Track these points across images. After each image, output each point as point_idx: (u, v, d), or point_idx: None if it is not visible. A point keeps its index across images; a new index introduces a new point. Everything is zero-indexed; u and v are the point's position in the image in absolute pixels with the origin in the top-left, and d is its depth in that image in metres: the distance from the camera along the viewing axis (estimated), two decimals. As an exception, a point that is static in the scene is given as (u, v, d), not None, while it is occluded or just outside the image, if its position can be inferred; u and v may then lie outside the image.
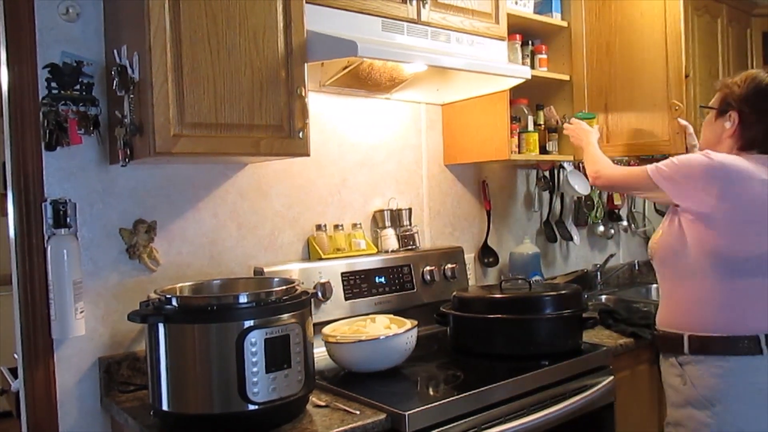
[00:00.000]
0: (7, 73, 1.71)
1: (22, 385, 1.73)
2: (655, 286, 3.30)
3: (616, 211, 3.35)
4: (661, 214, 3.61)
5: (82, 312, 1.72)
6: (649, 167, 1.80)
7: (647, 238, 3.59)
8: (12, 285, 1.77)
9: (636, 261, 3.44)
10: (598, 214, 3.25)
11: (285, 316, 1.47)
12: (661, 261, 1.87)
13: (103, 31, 1.82)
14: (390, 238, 2.37)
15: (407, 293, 2.29)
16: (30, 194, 1.71)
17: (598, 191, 3.26)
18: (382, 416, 1.52)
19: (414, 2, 2.05)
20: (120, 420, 1.69)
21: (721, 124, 1.82)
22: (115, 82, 1.65)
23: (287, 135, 1.76)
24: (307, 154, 1.80)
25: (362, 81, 2.17)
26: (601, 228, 3.29)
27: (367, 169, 2.41)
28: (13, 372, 2.40)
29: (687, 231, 1.75)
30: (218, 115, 1.64)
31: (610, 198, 3.31)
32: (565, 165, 2.92)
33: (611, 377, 2.03)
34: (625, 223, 3.43)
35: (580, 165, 3.11)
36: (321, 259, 2.16)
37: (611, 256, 3.25)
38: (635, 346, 2.22)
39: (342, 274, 2.15)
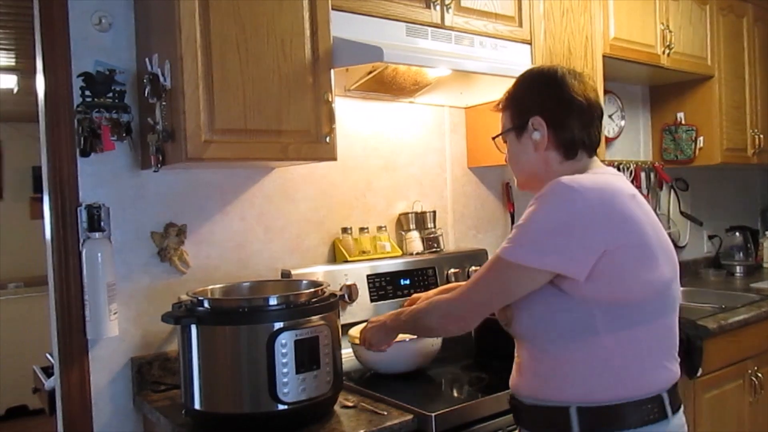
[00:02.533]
0: (44, 82, 1.76)
1: (58, 383, 1.78)
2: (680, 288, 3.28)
3: (641, 212, 3.33)
4: (686, 216, 3.60)
5: (115, 313, 1.76)
6: (501, 252, 1.28)
7: (672, 241, 3.57)
8: (48, 286, 1.82)
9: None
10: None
11: (314, 318, 1.50)
12: (525, 330, 1.35)
13: (134, 41, 1.87)
14: (414, 240, 2.39)
15: (432, 295, 2.31)
16: (65, 199, 1.76)
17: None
18: (409, 417, 1.54)
19: (438, 7, 2.07)
20: (152, 418, 1.73)
21: (528, 140, 1.39)
22: (147, 90, 1.69)
23: (314, 140, 1.79)
24: (334, 159, 1.83)
25: (386, 85, 2.19)
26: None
27: (391, 173, 2.43)
28: (46, 371, 2.47)
29: (560, 285, 1.26)
30: (247, 121, 1.68)
31: (635, 200, 3.29)
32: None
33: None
34: (649, 224, 3.40)
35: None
36: (346, 261, 2.19)
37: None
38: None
39: (367, 276, 2.17)
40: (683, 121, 3.35)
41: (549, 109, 1.37)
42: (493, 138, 1.50)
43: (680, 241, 3.62)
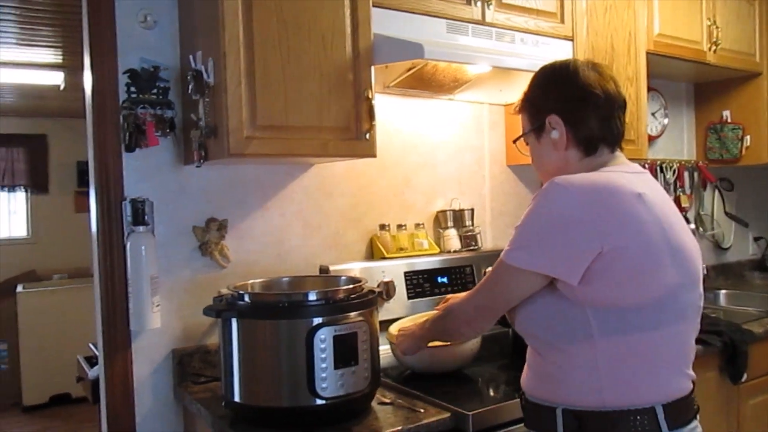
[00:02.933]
0: (91, 78, 1.80)
1: (102, 373, 1.82)
2: (724, 291, 3.21)
3: (683, 213, 3.27)
4: (731, 216, 3.51)
5: (157, 306, 1.80)
6: (503, 255, 1.27)
7: (716, 242, 3.49)
8: (93, 278, 1.87)
9: (704, 266, 3.32)
10: (664, 216, 3.17)
11: (353, 314, 1.50)
12: (524, 329, 1.34)
13: (178, 38, 1.90)
14: (452, 238, 2.38)
15: (469, 293, 2.30)
16: (111, 193, 1.80)
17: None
18: (446, 415, 1.54)
19: (479, 3, 2.06)
20: (192, 410, 1.76)
21: (548, 140, 1.35)
22: (190, 87, 1.72)
23: (354, 136, 1.79)
24: (374, 155, 1.84)
25: (426, 82, 2.18)
26: (667, 230, 3.21)
27: (429, 170, 2.43)
28: (89, 361, 2.53)
29: (556, 287, 1.24)
30: (288, 117, 1.69)
31: (677, 200, 3.23)
32: (631, 166, 2.87)
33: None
34: (692, 225, 3.33)
35: (645, 165, 3.06)
36: (384, 258, 2.19)
37: (677, 259, 3.16)
38: (702, 353, 2.16)
39: (405, 273, 2.17)
40: (729, 120, 3.26)
41: (564, 106, 1.33)
42: (514, 141, 1.48)
43: (724, 243, 3.53)
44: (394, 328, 1.93)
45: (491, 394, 1.80)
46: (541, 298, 1.26)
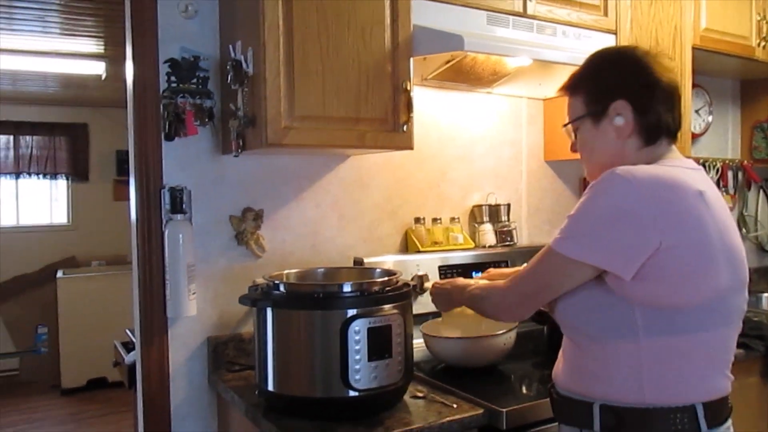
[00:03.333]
0: (133, 68, 1.82)
1: (139, 358, 1.85)
2: (767, 295, 3.12)
3: (726, 213, 3.18)
4: (776, 217, 3.41)
5: (194, 293, 1.82)
6: (552, 243, 1.22)
7: (759, 244, 3.39)
8: (131, 265, 1.90)
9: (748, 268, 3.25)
10: (705, 216, 3.09)
11: (387, 306, 1.49)
12: (564, 319, 1.31)
13: (218, 28, 1.91)
14: (487, 233, 2.36)
15: (503, 289, 2.27)
16: (150, 181, 1.83)
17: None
18: (480, 411, 1.52)
19: (520, -5, 2.02)
20: (226, 397, 1.78)
21: (608, 126, 1.29)
22: (229, 76, 1.73)
23: (391, 128, 1.78)
24: (411, 148, 1.83)
25: (464, 75, 2.16)
26: (709, 230, 3.13)
27: (466, 164, 2.40)
28: (126, 346, 2.58)
29: (604, 280, 1.21)
30: (326, 108, 1.69)
31: (720, 199, 3.14)
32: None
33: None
34: (735, 226, 3.24)
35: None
36: (419, 251, 2.18)
37: (719, 260, 3.08)
38: (745, 358, 2.10)
39: (439, 267, 2.16)
40: (776, 118, 3.17)
41: (633, 92, 1.27)
42: (565, 125, 1.39)
43: (768, 245, 3.43)
44: (426, 326, 1.92)
45: (525, 391, 1.77)
46: (587, 290, 1.23)
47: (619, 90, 1.28)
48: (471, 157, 2.41)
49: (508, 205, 2.43)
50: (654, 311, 1.17)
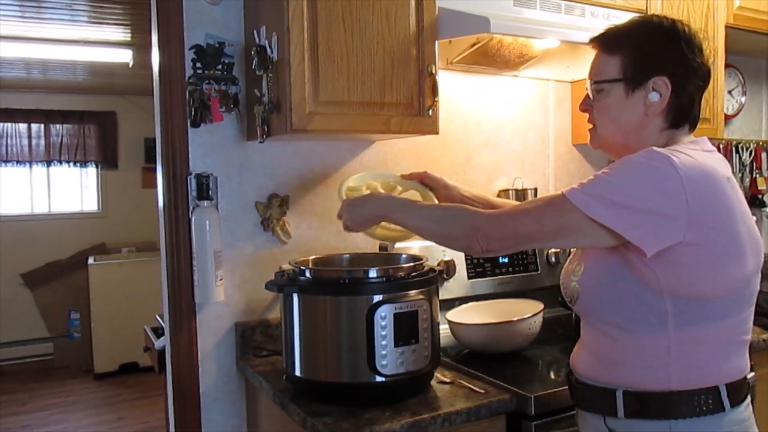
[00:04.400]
0: (158, 56, 1.83)
1: (168, 343, 1.87)
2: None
3: (760, 196, 3.11)
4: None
5: (221, 279, 1.83)
6: (567, 192, 1.15)
7: (794, 227, 3.31)
8: (160, 252, 1.92)
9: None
10: (738, 199, 3.03)
11: (413, 292, 1.49)
12: (588, 309, 1.28)
13: (242, 14, 1.90)
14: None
15: (531, 275, 2.25)
16: (177, 168, 1.84)
17: (740, 174, 3.04)
18: (507, 396, 1.52)
19: (548, -25, 1.98)
20: (254, 383, 1.79)
21: (641, 99, 1.23)
22: (254, 62, 1.72)
23: (417, 113, 1.77)
24: (436, 132, 1.81)
25: (490, 58, 2.13)
26: (742, 214, 3.06)
27: (492, 148, 2.38)
28: (156, 331, 2.61)
29: (633, 269, 1.17)
30: (351, 93, 1.68)
31: (753, 182, 3.08)
32: (704, 146, 2.75)
33: (752, 374, 1.89)
34: (769, 209, 3.18)
35: (720, 146, 2.92)
36: (444, 237, 2.17)
37: (752, 244, 3.02)
38: (777, 342, 2.06)
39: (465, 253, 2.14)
40: (813, 98, 3.08)
41: (678, 71, 1.21)
42: (594, 82, 1.28)
43: (803, 228, 3.35)
44: (452, 314, 1.90)
45: (552, 377, 1.76)
46: (613, 280, 1.20)
47: (665, 65, 1.22)
48: (497, 141, 2.39)
49: (535, 190, 2.40)
50: (684, 300, 1.15)
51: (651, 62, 1.22)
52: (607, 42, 1.28)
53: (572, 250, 1.41)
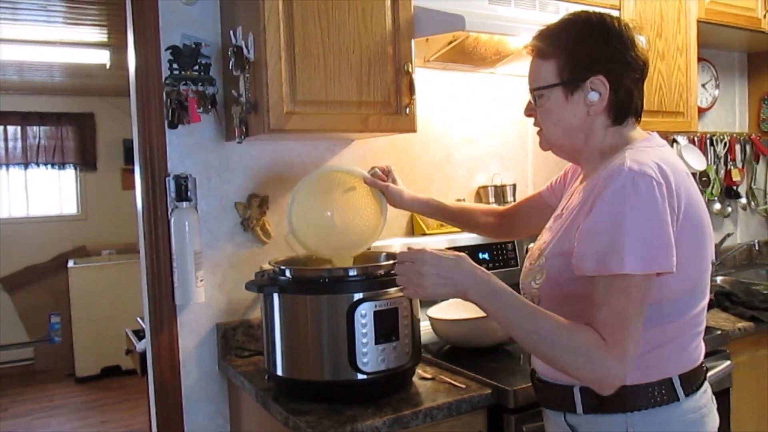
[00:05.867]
0: (135, 56, 1.82)
1: (149, 346, 1.87)
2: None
3: (735, 187, 3.16)
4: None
5: (201, 280, 1.83)
6: (615, 268, 1.07)
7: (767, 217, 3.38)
8: (139, 254, 1.91)
9: (756, 241, 3.24)
10: (714, 191, 3.08)
11: (392, 290, 1.50)
12: (552, 299, 1.22)
13: (219, 14, 1.90)
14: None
15: (511, 270, 2.27)
16: (155, 169, 1.83)
17: (715, 166, 3.09)
18: (488, 391, 1.53)
19: (522, -27, 2.00)
20: (237, 383, 1.79)
21: (581, 100, 1.22)
22: (231, 62, 1.72)
23: (394, 111, 1.78)
24: (414, 130, 1.82)
25: (467, 55, 2.14)
26: (718, 206, 3.12)
27: (471, 145, 2.39)
28: (137, 334, 2.60)
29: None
30: (328, 92, 1.68)
31: (728, 174, 3.13)
32: (679, 139, 2.79)
33: (728, 362, 1.94)
34: (744, 200, 3.24)
35: (695, 139, 2.96)
36: (425, 234, 2.18)
37: (728, 235, 3.07)
38: (755, 331, 2.10)
39: (446, 249, 2.15)
40: (785, 90, 3.13)
41: (613, 68, 1.20)
42: (532, 90, 1.27)
43: (777, 218, 3.41)
44: (434, 310, 1.91)
45: (533, 370, 1.78)
46: (576, 292, 1.16)
47: (599, 64, 1.20)
48: (476, 138, 2.40)
49: (514, 186, 2.42)
50: (658, 305, 1.14)
51: (585, 63, 1.21)
52: (541, 47, 1.27)
53: (530, 246, 1.40)
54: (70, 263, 5.43)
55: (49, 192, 6.21)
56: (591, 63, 1.21)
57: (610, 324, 1.07)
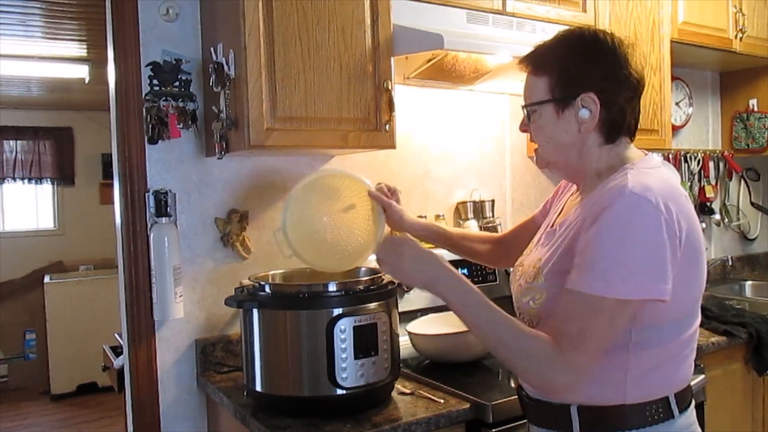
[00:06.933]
0: (115, 71, 1.83)
1: (127, 362, 1.85)
2: (750, 282, 3.17)
3: (708, 204, 3.22)
4: (757, 207, 3.45)
5: (180, 296, 1.82)
6: (602, 291, 1.08)
7: (741, 233, 3.44)
8: (117, 269, 1.90)
9: (729, 256, 3.30)
10: (688, 207, 3.13)
11: (372, 305, 1.51)
12: (548, 330, 1.16)
13: (199, 30, 1.91)
14: (473, 229, 2.37)
15: (490, 285, 2.30)
16: (134, 184, 1.83)
17: (689, 183, 3.15)
18: (466, 406, 1.54)
19: (499, -7, 2.04)
20: (215, 398, 1.78)
21: (572, 117, 1.20)
22: (211, 79, 1.73)
23: (374, 128, 1.80)
24: (393, 147, 1.84)
25: (446, 73, 2.18)
26: (692, 221, 3.17)
27: (450, 161, 2.42)
28: (115, 350, 2.58)
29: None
30: (308, 109, 1.70)
31: (702, 190, 3.19)
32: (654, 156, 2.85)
33: (702, 376, 1.96)
34: (717, 216, 3.29)
35: (670, 156, 3.02)
36: (404, 249, 2.19)
37: (702, 250, 3.12)
38: (728, 345, 2.14)
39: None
40: (756, 108, 3.21)
41: (604, 86, 1.19)
42: (524, 106, 1.27)
43: (750, 234, 3.48)
44: (413, 326, 1.92)
45: (512, 385, 1.79)
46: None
47: (591, 81, 1.19)
48: (454, 154, 2.43)
49: (493, 201, 2.45)
50: (647, 327, 1.15)
51: (576, 80, 1.20)
52: (534, 63, 1.26)
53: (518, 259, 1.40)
54: (47, 279, 5.37)
55: (26, 207, 6.14)
56: (582, 80, 1.20)
57: (570, 338, 1.10)
